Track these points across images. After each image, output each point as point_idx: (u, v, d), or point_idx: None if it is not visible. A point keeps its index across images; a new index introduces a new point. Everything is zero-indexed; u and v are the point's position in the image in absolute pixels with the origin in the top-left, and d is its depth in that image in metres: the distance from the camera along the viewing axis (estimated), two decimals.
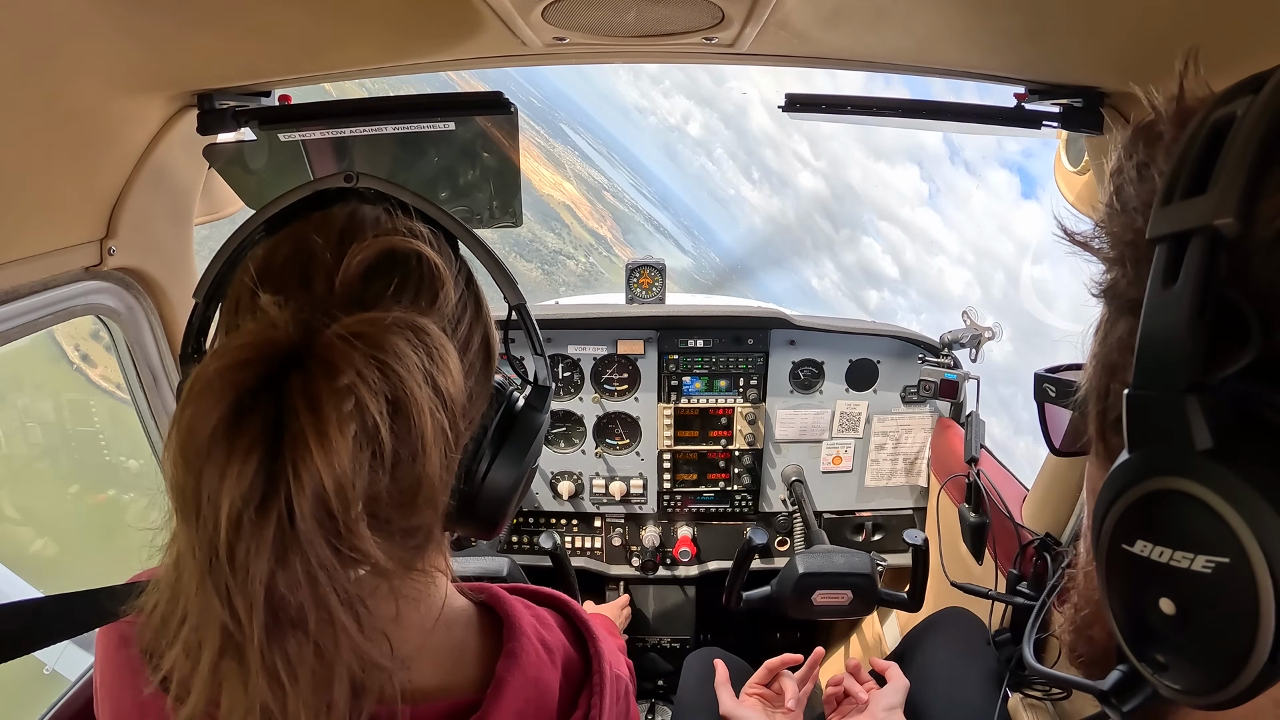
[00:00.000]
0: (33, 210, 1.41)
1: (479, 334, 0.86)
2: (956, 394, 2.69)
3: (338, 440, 0.59)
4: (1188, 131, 0.51)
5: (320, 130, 1.90)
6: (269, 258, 0.79)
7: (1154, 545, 0.50)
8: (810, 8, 1.40)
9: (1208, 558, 0.46)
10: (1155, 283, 0.50)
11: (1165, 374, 0.49)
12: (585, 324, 2.83)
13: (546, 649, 0.91)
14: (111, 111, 1.49)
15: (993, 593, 2.03)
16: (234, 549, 0.58)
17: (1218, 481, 0.46)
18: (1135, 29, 1.28)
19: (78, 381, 9.34)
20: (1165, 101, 0.58)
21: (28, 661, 0.96)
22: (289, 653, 0.61)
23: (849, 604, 2.23)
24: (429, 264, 0.78)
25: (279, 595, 0.59)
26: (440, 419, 0.69)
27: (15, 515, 3.72)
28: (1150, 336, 0.51)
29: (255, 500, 0.58)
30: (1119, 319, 0.60)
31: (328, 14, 1.41)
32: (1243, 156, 0.46)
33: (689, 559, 2.95)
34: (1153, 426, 0.50)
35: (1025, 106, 1.78)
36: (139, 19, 1.27)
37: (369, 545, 0.63)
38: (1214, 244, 0.47)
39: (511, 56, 1.77)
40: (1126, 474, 0.52)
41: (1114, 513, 0.53)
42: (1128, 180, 0.59)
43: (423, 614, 0.84)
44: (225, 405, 0.59)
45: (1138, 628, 0.53)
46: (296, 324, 0.65)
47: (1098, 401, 0.63)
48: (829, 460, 2.95)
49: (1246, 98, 0.48)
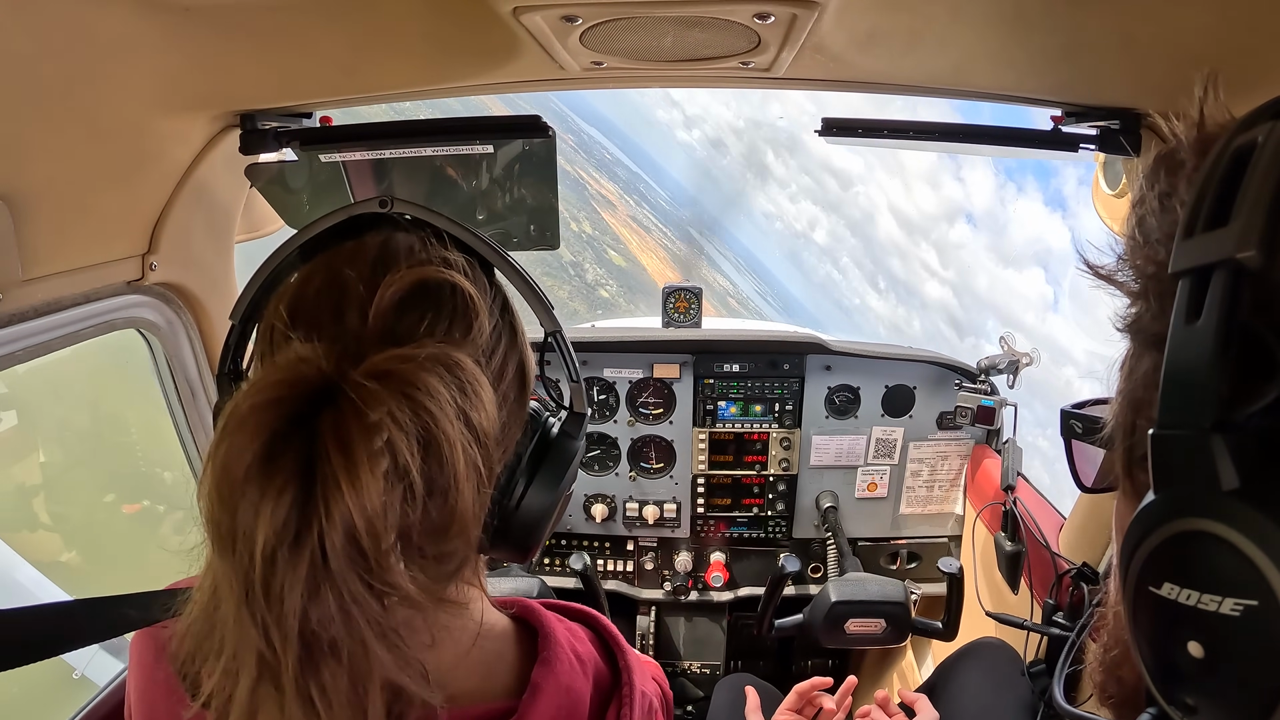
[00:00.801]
0: (76, 224, 1.44)
1: (514, 362, 0.86)
2: (993, 421, 2.65)
3: (368, 479, 0.60)
4: (1209, 160, 0.50)
5: (360, 152, 1.93)
6: (302, 289, 0.79)
7: (1181, 588, 0.48)
8: (845, 31, 1.40)
9: (1236, 600, 0.45)
10: (1178, 318, 0.49)
11: (1190, 413, 0.48)
12: (621, 347, 2.83)
13: (579, 659, 0.90)
14: (156, 130, 1.53)
15: (1028, 623, 1.99)
16: (269, 583, 0.59)
17: (1245, 523, 0.45)
18: (1172, 48, 1.26)
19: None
20: (1185, 128, 0.57)
21: (57, 665, 0.97)
22: (323, 681, 0.61)
23: (882, 633, 2.20)
24: (463, 294, 0.78)
25: (312, 628, 0.60)
26: (473, 454, 0.69)
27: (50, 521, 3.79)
28: (1174, 374, 0.49)
29: (289, 538, 0.59)
30: (1144, 354, 0.59)
31: (369, 37, 1.43)
32: (1265, 186, 0.45)
33: (721, 584, 2.93)
34: (1178, 466, 0.49)
35: (1062, 129, 1.77)
36: (184, 41, 1.30)
37: (400, 579, 0.64)
38: (1237, 277, 0.46)
39: (549, 80, 1.78)
40: (1153, 515, 0.51)
41: (1140, 554, 0.52)
42: (1150, 211, 0.58)
43: (459, 632, 0.84)
44: (259, 443, 0.60)
45: (1166, 670, 0.51)
46: (329, 360, 0.66)
47: (1124, 438, 0.62)
48: (864, 487, 2.92)
49: (1268, 123, 0.47)
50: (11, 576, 2.80)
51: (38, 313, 1.39)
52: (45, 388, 3.77)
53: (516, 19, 1.31)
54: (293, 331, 0.71)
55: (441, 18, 1.38)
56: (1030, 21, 1.31)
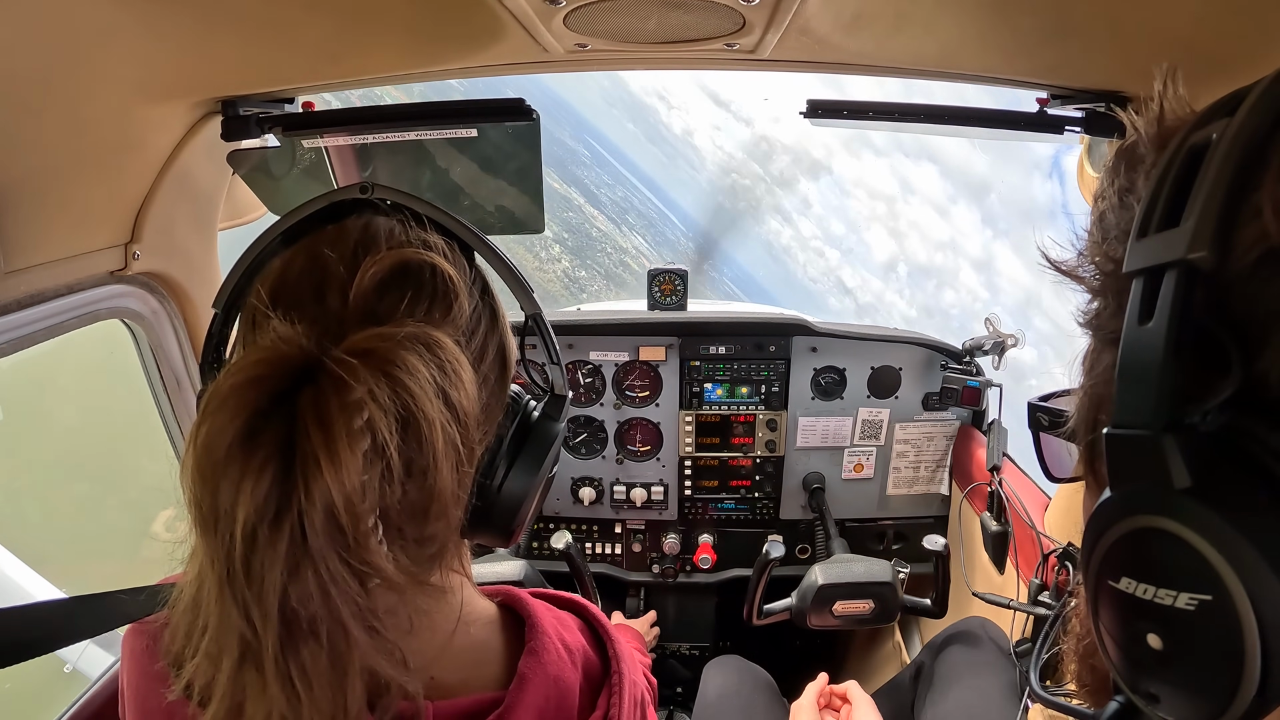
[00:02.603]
0: (58, 215, 1.43)
1: (494, 344, 0.87)
2: (979, 402, 2.67)
3: (347, 457, 0.60)
4: (1164, 159, 0.50)
5: (343, 137, 1.91)
6: (284, 273, 0.79)
7: (1139, 583, 0.49)
8: (831, 13, 1.40)
9: (1190, 595, 0.46)
10: (1131, 318, 0.50)
11: (1143, 412, 0.49)
12: (607, 329, 2.83)
13: (567, 649, 0.91)
14: (136, 118, 1.51)
15: (1014, 603, 2.01)
16: (249, 562, 0.59)
17: (1197, 520, 0.45)
18: (1158, 31, 1.27)
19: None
20: (1145, 123, 0.57)
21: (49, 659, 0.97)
22: (303, 662, 0.61)
23: (871, 613, 2.21)
24: (443, 275, 0.79)
25: (292, 607, 0.60)
26: (452, 433, 0.69)
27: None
28: (1128, 373, 0.50)
29: (269, 515, 0.59)
30: (1103, 350, 0.60)
31: (350, 21, 1.42)
32: (1217, 185, 0.45)
33: (709, 566, 2.93)
34: (1132, 465, 0.50)
35: (1048, 111, 1.77)
36: (164, 27, 1.29)
37: (379, 559, 0.64)
38: (1189, 278, 0.47)
39: (533, 63, 1.77)
40: (1109, 512, 0.52)
41: (1099, 550, 0.53)
42: (1110, 207, 0.58)
43: (442, 618, 0.84)
44: (240, 422, 0.60)
45: (1129, 661, 0.52)
46: (309, 339, 0.66)
47: (1086, 433, 0.62)
48: (850, 468, 2.93)
49: (1222, 121, 0.47)
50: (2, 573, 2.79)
51: (20, 305, 1.38)
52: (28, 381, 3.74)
53: (499, 1, 1.31)
54: (274, 314, 0.71)
55: (424, 1, 1.37)
56: (1016, 4, 1.31)
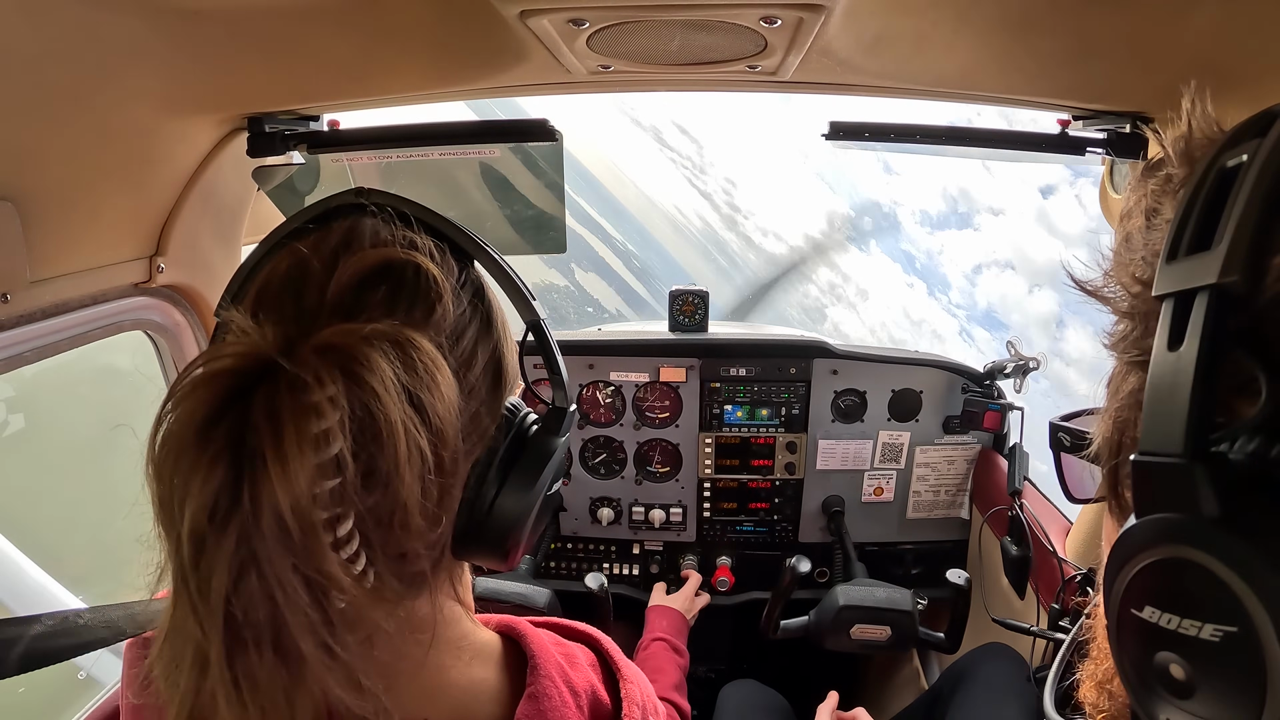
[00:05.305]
0: (85, 226, 1.45)
1: (486, 351, 0.82)
2: (1000, 425, 2.65)
3: (294, 457, 0.58)
4: (1193, 180, 0.49)
5: (367, 155, 1.93)
6: (270, 275, 0.77)
7: (1163, 612, 0.48)
8: (852, 35, 1.40)
9: (1215, 626, 0.45)
10: (1161, 343, 0.49)
11: (1173, 440, 0.47)
12: (628, 350, 2.82)
13: (573, 692, 0.86)
14: (164, 132, 1.54)
15: (1033, 629, 1.98)
16: (198, 562, 0.58)
17: (1225, 551, 0.44)
18: (1180, 51, 1.26)
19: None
20: (1173, 142, 0.56)
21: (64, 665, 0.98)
22: (251, 670, 0.59)
23: (886, 640, 2.18)
24: (426, 276, 0.75)
25: (236, 612, 0.58)
26: (418, 438, 0.66)
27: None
28: (1156, 400, 0.49)
29: (219, 514, 0.57)
30: (1129, 373, 0.59)
31: (376, 40, 1.44)
32: (1250, 208, 0.45)
33: (727, 588, 2.91)
34: (1160, 493, 0.49)
35: (1069, 133, 1.76)
36: (192, 45, 1.31)
37: (334, 567, 0.61)
38: (1221, 303, 0.45)
39: (556, 84, 1.79)
40: (1135, 540, 0.51)
41: (1123, 577, 0.52)
42: (1136, 228, 0.57)
43: (437, 651, 0.80)
44: (199, 415, 0.59)
45: (1150, 690, 0.51)
46: (275, 336, 0.64)
47: (1110, 456, 0.61)
48: (870, 491, 2.90)
49: (1253, 141, 0.47)
50: (20, 579, 2.81)
51: (45, 314, 1.39)
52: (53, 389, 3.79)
53: (523, 22, 1.32)
54: (241, 311, 0.69)
55: (448, 22, 1.38)
56: (1037, 25, 1.31)
